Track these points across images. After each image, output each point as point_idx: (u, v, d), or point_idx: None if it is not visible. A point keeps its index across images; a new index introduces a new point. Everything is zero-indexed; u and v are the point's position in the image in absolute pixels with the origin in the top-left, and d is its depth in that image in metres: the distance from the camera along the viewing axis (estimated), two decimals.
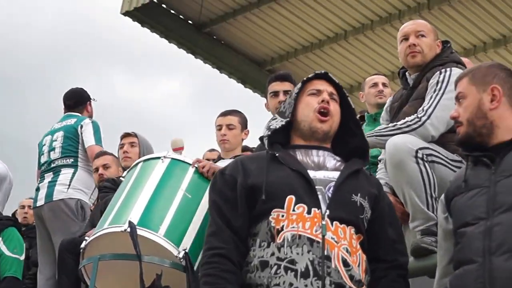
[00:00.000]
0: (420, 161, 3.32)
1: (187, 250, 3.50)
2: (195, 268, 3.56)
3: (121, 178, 4.08)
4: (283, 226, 2.54)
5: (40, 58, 25.93)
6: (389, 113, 3.96)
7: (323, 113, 2.73)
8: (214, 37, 9.57)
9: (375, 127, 5.01)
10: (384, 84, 5.30)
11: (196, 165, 3.84)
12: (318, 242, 2.51)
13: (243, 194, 2.65)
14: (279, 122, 2.78)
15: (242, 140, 4.71)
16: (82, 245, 3.61)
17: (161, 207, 3.62)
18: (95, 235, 3.59)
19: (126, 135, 5.23)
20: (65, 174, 5.48)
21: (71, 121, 5.72)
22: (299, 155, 2.74)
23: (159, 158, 3.85)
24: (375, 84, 5.25)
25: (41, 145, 5.73)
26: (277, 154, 2.69)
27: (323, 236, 2.51)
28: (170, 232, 3.52)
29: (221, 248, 2.59)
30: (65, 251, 4.63)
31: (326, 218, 2.55)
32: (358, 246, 2.61)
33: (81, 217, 5.31)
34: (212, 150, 5.74)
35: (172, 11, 9.23)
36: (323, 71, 2.87)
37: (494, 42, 9.01)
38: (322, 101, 2.73)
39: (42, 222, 5.34)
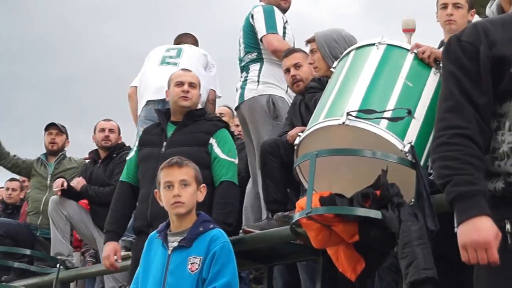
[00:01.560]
0: None
1: (412, 144, 3.11)
2: (421, 163, 3.18)
3: (331, 69, 3.68)
4: None
5: None
6: None
7: None
8: None
9: None
10: None
11: (415, 51, 3.40)
12: None
13: (487, 67, 2.24)
14: None
15: (470, 18, 4.10)
16: (296, 141, 3.32)
17: (381, 97, 3.24)
18: (309, 130, 3.28)
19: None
20: (253, 70, 5.08)
21: (248, 13, 5.24)
22: None
23: (373, 44, 3.44)
24: None
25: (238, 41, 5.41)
26: None
27: None
28: (393, 124, 3.14)
29: (464, 128, 2.21)
30: (268, 153, 4.24)
31: None
32: None
33: (273, 113, 4.88)
34: None
35: None
36: None
37: None
38: None
39: (244, 123, 5.12)
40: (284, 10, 5.28)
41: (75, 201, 5.81)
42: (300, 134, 3.35)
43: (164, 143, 4.27)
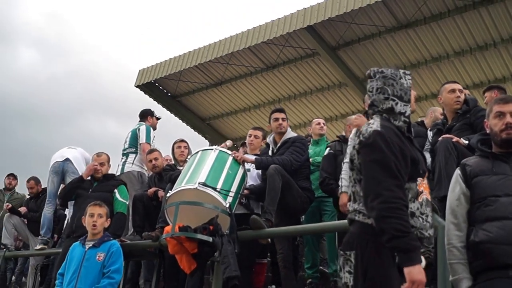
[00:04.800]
0: None
1: (230, 203, 5.82)
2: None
3: (186, 158, 6.49)
4: (422, 190, 3.14)
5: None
6: None
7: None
8: (182, 103, 17.00)
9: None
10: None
11: (233, 155, 6.20)
12: (431, 204, 3.25)
13: (408, 161, 3.07)
14: (405, 107, 3.25)
15: (261, 145, 7.11)
16: (168, 195, 5.86)
17: (216, 177, 5.91)
18: (175, 190, 5.84)
19: (182, 140, 7.91)
20: (131, 157, 8.48)
21: (136, 126, 8.75)
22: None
23: (212, 149, 6.22)
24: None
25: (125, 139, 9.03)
26: (412, 138, 3.25)
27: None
28: (221, 192, 5.84)
29: (404, 201, 2.97)
30: (137, 200, 7.29)
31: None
32: None
33: (140, 182, 8.18)
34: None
35: (161, 87, 16.57)
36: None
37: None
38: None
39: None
40: (155, 128, 8.76)
41: (18, 217, 8.97)
42: (170, 191, 5.93)
43: (90, 190, 7.34)
